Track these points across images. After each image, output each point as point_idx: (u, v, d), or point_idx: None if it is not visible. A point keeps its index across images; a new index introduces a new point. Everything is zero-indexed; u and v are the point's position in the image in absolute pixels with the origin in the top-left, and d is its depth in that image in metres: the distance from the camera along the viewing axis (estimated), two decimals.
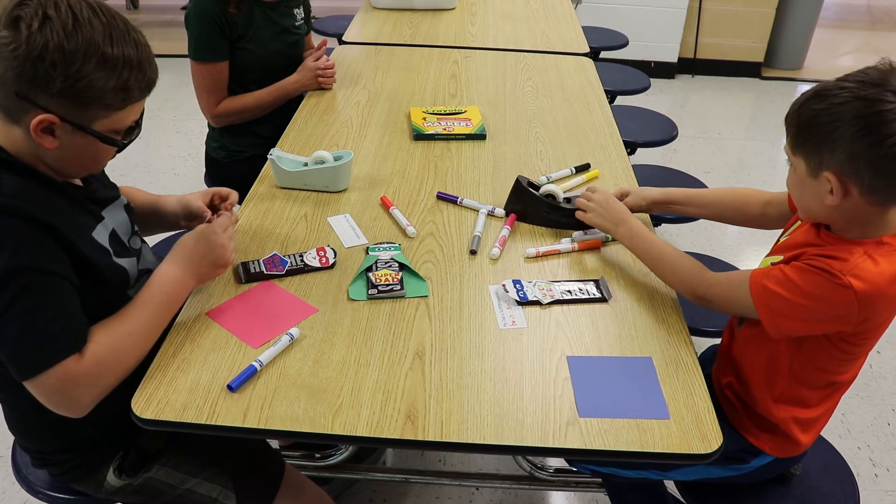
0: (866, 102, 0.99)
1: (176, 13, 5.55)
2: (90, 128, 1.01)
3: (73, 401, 1.01)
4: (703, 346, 1.55)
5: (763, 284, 1.11)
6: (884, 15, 6.76)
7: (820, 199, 1.07)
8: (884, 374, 2.45)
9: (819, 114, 1.03)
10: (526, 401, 1.10)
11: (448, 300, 1.30)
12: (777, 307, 1.10)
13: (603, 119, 2.06)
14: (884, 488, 2.04)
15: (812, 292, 1.06)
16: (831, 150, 1.02)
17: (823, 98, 1.03)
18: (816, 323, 1.10)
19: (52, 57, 0.93)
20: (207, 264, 1.20)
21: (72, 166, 1.08)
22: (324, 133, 1.90)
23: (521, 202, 1.54)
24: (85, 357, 1.00)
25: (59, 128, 0.99)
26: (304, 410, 1.06)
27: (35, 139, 0.99)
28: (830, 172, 1.03)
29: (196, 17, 1.94)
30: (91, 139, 1.02)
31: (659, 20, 4.72)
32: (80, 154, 1.05)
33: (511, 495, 1.95)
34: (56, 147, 1.01)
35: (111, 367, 1.03)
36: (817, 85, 1.07)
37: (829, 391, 1.22)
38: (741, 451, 1.27)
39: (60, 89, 0.95)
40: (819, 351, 1.15)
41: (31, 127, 0.97)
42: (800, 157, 1.08)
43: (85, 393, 1.01)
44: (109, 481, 1.22)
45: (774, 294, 1.09)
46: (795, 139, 1.08)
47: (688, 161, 3.80)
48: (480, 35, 2.73)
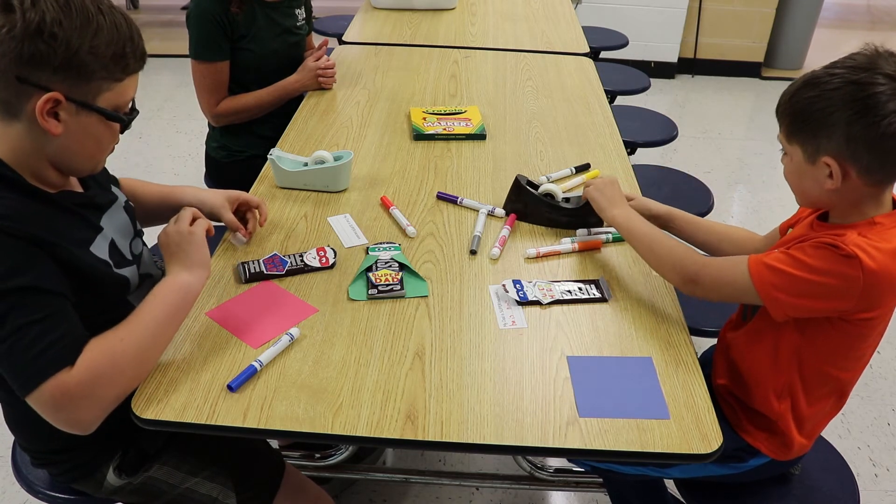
0: (859, 86, 1.02)
1: (176, 13, 5.55)
2: (94, 104, 1.01)
3: (72, 416, 0.98)
4: (703, 346, 1.55)
5: (763, 263, 1.11)
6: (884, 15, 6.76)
7: (820, 184, 1.10)
8: (884, 375, 2.45)
9: (813, 101, 1.06)
10: (526, 401, 1.10)
11: (448, 300, 1.30)
12: (780, 284, 1.09)
13: (603, 119, 2.06)
14: (884, 488, 2.04)
15: (818, 266, 1.06)
16: (828, 135, 1.06)
17: (815, 86, 1.06)
18: (822, 299, 1.09)
19: (50, 29, 0.93)
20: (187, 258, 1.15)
21: (77, 156, 1.07)
22: (324, 133, 1.90)
23: (520, 201, 1.54)
24: (76, 368, 0.97)
25: (64, 109, 0.99)
26: (304, 410, 1.06)
27: (42, 124, 0.98)
28: (829, 157, 1.06)
29: (197, 16, 1.94)
30: (95, 119, 1.02)
31: (659, 20, 4.72)
32: (86, 139, 1.04)
33: (511, 495, 1.95)
34: (61, 133, 1.00)
35: (106, 376, 0.99)
36: (805, 75, 1.10)
37: (830, 389, 1.22)
38: (739, 451, 1.27)
39: (62, 63, 0.96)
40: (824, 340, 1.15)
41: (37, 110, 0.97)
42: (796, 145, 1.12)
43: (83, 406, 0.98)
44: (109, 481, 1.22)
45: (777, 271, 1.09)
46: (791, 128, 1.12)
47: (688, 161, 3.80)
48: (480, 35, 2.73)
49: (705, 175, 3.63)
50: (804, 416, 1.23)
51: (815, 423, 1.26)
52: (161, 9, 5.81)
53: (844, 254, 1.04)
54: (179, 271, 1.13)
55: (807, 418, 1.24)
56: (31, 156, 1.03)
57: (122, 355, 1.01)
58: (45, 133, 1.00)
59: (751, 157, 3.93)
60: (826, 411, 1.26)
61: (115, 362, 1.01)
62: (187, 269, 1.14)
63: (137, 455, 1.23)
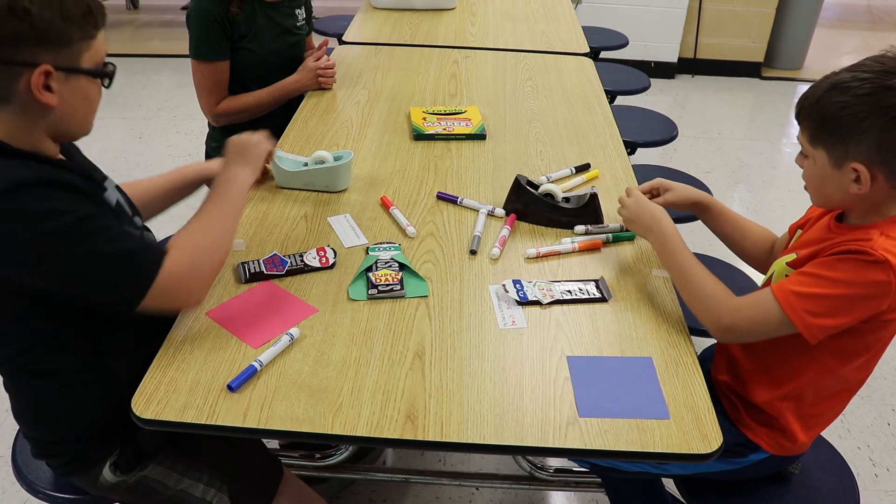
0: (892, 92, 1.01)
1: (176, 13, 5.55)
2: (80, 67, 1.04)
3: (186, 297, 1.12)
4: (703, 345, 1.55)
5: (791, 291, 1.08)
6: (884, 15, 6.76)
7: (844, 189, 1.09)
8: (884, 374, 2.45)
9: (843, 106, 1.04)
10: (526, 401, 1.10)
11: (448, 300, 1.30)
12: (813, 309, 1.07)
13: (603, 119, 2.06)
14: (884, 488, 2.04)
15: (848, 278, 1.05)
16: (858, 140, 1.04)
17: (844, 90, 1.04)
18: (856, 311, 1.07)
19: (21, 5, 0.95)
20: (245, 152, 1.37)
21: (73, 122, 1.09)
22: (324, 133, 1.90)
23: (520, 201, 1.54)
24: (174, 257, 1.09)
25: (55, 79, 1.01)
26: (304, 410, 1.06)
27: (39, 99, 1.00)
28: (859, 163, 1.05)
29: (197, 16, 1.94)
30: (84, 81, 1.06)
31: (659, 20, 4.72)
32: (79, 103, 1.07)
33: (511, 495, 1.95)
34: (57, 104, 1.03)
35: (201, 255, 1.14)
36: (830, 78, 1.08)
37: (839, 388, 1.21)
38: (739, 446, 1.27)
39: (41, 36, 0.98)
40: (840, 343, 1.13)
41: (33, 86, 0.99)
42: (821, 149, 1.09)
43: (192, 286, 1.12)
44: (105, 477, 1.22)
45: (807, 296, 1.07)
46: (816, 132, 1.09)
47: (688, 161, 3.80)
48: (480, 35, 2.73)
49: (705, 175, 3.63)
50: (808, 415, 1.23)
51: (819, 422, 1.26)
52: (161, 9, 5.81)
53: (874, 259, 1.02)
54: (238, 167, 1.33)
55: (811, 416, 1.24)
56: (29, 135, 1.05)
57: (207, 235, 1.17)
58: (40, 108, 1.02)
59: (751, 157, 3.93)
60: (832, 410, 1.25)
61: (204, 242, 1.16)
62: (244, 166, 1.34)
63: (135, 453, 1.23)
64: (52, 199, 0.99)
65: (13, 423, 1.22)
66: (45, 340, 1.11)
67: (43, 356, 1.12)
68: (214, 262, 1.17)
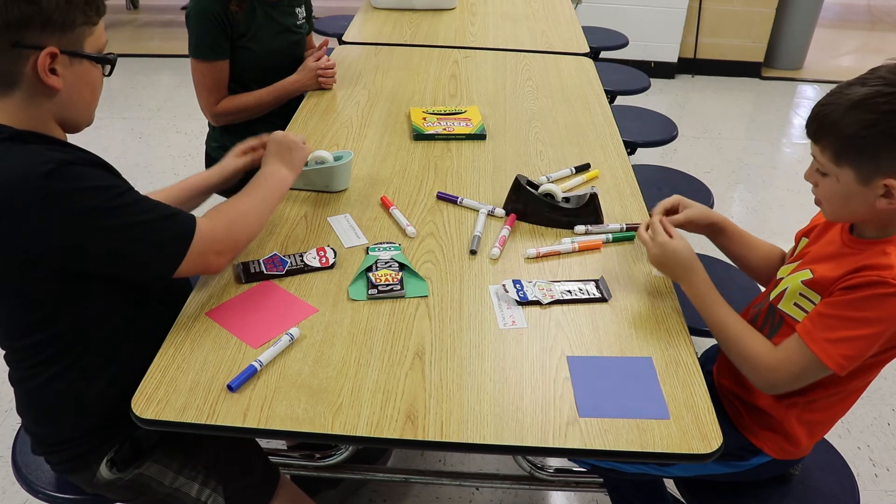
0: None
1: (176, 13, 5.55)
2: (83, 52, 1.07)
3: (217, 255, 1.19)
4: (703, 346, 1.55)
5: (824, 339, 1.08)
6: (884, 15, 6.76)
7: (870, 204, 1.07)
8: (884, 374, 2.44)
9: (873, 124, 1.03)
10: (526, 401, 1.10)
11: (448, 300, 1.30)
12: (852, 353, 1.08)
13: (603, 119, 2.06)
14: (884, 488, 2.04)
15: (874, 316, 1.05)
16: (891, 157, 1.03)
17: (869, 108, 1.03)
18: (884, 341, 1.09)
19: None
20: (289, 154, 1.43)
21: (77, 108, 1.12)
22: (324, 133, 1.90)
23: (520, 201, 1.54)
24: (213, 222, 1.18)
25: (60, 62, 1.04)
26: (304, 410, 1.06)
27: (45, 81, 1.03)
28: (891, 178, 1.04)
29: (197, 15, 1.94)
30: (87, 66, 1.09)
31: (659, 20, 4.72)
32: (83, 88, 1.11)
33: (511, 495, 1.95)
34: (62, 87, 1.06)
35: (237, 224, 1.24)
36: (844, 94, 1.06)
37: (845, 394, 1.21)
38: (741, 450, 1.27)
39: (47, 19, 1.01)
40: None
41: (39, 68, 1.02)
42: (846, 167, 1.07)
43: (223, 252, 1.20)
44: (101, 474, 1.21)
45: (842, 342, 1.07)
46: (842, 151, 1.07)
47: (688, 161, 3.80)
48: (480, 35, 2.73)
49: (705, 175, 3.63)
50: (813, 420, 1.23)
51: (823, 427, 1.26)
52: (161, 9, 5.81)
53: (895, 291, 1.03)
54: (280, 166, 1.41)
55: (816, 422, 1.24)
56: (38, 120, 1.07)
57: (245, 209, 1.27)
58: (46, 92, 1.06)
59: (751, 157, 3.93)
60: (836, 415, 1.25)
61: (241, 214, 1.26)
62: (286, 166, 1.41)
63: (131, 449, 1.23)
64: (93, 176, 1.04)
65: (13, 423, 1.22)
66: (65, 332, 1.11)
67: (60, 349, 1.12)
68: (246, 232, 1.26)
